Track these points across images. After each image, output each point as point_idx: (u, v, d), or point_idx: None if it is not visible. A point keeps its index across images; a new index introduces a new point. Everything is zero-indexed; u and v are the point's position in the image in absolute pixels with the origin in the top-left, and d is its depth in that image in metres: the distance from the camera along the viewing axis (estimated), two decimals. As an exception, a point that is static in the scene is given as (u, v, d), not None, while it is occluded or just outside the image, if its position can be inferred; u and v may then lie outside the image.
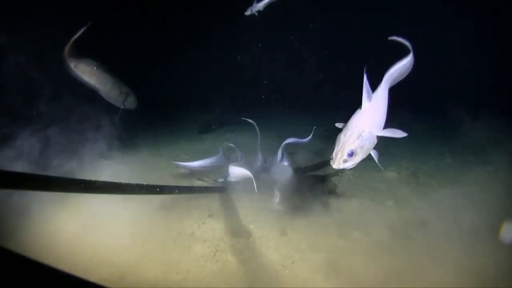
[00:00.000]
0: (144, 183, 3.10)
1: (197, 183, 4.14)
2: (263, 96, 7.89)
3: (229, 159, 4.15)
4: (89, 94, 3.90)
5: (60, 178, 1.97)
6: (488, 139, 4.91)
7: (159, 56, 8.90)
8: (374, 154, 2.16)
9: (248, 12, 4.35)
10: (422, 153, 5.30)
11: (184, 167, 4.11)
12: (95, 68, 3.70)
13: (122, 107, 4.06)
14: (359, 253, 2.64)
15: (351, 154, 2.03)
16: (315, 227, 3.06)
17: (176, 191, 3.25)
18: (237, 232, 3.01)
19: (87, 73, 3.67)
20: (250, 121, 4.02)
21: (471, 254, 2.55)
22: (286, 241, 2.83)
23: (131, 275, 2.47)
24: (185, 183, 4.15)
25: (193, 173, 4.25)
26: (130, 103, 4.16)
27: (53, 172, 3.53)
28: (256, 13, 4.33)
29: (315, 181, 4.08)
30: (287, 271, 2.46)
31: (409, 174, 4.26)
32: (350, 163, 2.07)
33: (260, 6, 4.33)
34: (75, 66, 3.58)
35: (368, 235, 2.89)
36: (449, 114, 6.07)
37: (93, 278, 1.01)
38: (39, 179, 1.81)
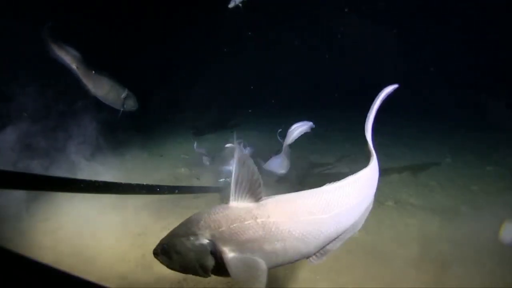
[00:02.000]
0: (144, 183, 3.10)
1: (197, 183, 4.14)
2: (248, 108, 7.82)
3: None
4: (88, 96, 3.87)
5: (60, 178, 1.97)
6: None
7: (157, 58, 8.88)
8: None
9: (231, 5, 4.09)
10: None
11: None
12: (93, 71, 3.64)
13: (121, 109, 4.02)
14: (359, 253, 2.64)
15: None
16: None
17: (176, 191, 3.25)
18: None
19: (85, 76, 3.61)
20: None
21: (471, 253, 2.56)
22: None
23: (131, 275, 2.47)
24: (185, 183, 4.16)
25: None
26: (130, 105, 4.11)
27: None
28: (240, 5, 4.05)
29: (314, 179, 4.08)
30: (287, 271, 2.46)
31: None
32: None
33: None
34: (77, 68, 3.53)
35: (368, 235, 2.88)
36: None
37: (93, 278, 1.02)
38: (39, 179, 1.82)
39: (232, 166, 3.65)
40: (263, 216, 1.16)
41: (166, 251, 1.22)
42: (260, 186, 1.19)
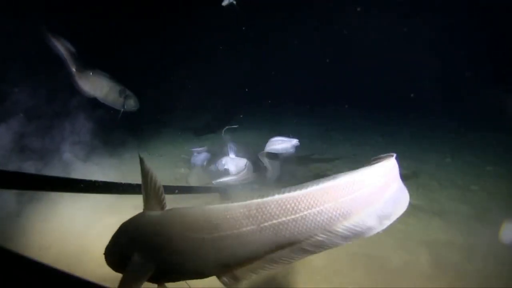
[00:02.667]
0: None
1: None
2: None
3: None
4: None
5: (60, 178, 1.97)
6: None
7: (149, 57, 8.83)
8: None
9: (225, 2, 4.05)
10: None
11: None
12: (91, 73, 3.58)
13: (122, 110, 3.98)
14: (359, 253, 2.64)
15: None
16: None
17: (176, 191, 3.24)
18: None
19: (82, 79, 3.56)
20: None
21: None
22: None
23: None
24: (185, 183, 4.16)
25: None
26: (130, 105, 4.06)
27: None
28: (234, 2, 4.00)
29: (313, 178, 4.08)
30: (286, 271, 2.46)
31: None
32: None
33: None
34: (77, 70, 3.49)
35: (368, 235, 2.89)
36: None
37: (92, 278, 1.02)
38: (38, 179, 1.82)
39: (227, 166, 3.59)
40: (159, 225, 1.20)
41: (107, 254, 1.29)
42: (163, 195, 1.25)
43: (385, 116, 8.03)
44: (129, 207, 3.34)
